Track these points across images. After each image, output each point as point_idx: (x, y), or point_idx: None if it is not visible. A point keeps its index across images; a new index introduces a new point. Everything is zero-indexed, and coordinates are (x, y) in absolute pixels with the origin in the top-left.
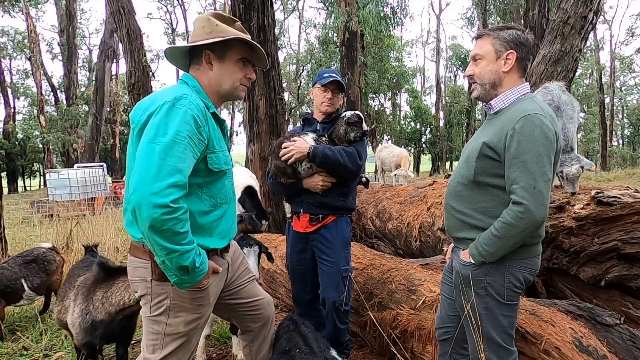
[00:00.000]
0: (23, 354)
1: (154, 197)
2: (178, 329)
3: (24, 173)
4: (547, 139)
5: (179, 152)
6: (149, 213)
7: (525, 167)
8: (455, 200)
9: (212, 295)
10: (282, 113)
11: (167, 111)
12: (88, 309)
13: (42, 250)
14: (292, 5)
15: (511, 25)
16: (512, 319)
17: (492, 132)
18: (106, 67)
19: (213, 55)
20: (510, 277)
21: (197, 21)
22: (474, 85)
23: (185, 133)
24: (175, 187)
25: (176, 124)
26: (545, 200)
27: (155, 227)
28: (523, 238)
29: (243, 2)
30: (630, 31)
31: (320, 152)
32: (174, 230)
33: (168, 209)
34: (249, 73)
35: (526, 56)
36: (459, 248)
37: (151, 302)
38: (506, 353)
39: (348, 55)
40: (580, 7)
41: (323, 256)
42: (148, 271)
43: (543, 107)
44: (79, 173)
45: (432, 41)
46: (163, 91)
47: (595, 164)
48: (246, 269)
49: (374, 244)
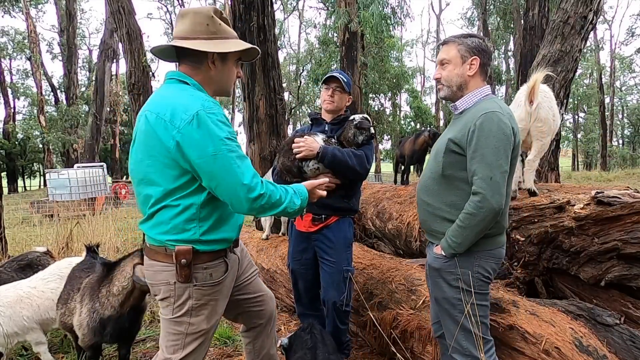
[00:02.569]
0: (23, 354)
1: (250, 193)
2: (201, 327)
3: (24, 173)
4: (504, 134)
5: (237, 151)
6: (253, 205)
7: (483, 160)
8: (426, 195)
9: (228, 287)
10: (282, 113)
11: (204, 120)
12: (95, 307)
13: (36, 254)
14: (292, 5)
15: (473, 33)
16: (486, 308)
17: (457, 129)
18: (106, 67)
19: (217, 56)
20: (478, 267)
21: (196, 16)
22: (440, 87)
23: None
24: (255, 177)
25: (218, 129)
26: (501, 189)
27: (264, 209)
28: (485, 226)
29: (243, 2)
30: (630, 31)
31: (330, 152)
32: (273, 200)
33: (263, 195)
34: (239, 72)
35: (487, 62)
36: (432, 243)
37: (174, 305)
38: (483, 342)
39: (348, 55)
40: (580, 7)
41: (325, 256)
42: (172, 274)
43: (502, 106)
44: (79, 173)
45: (432, 41)
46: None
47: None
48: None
49: (374, 244)
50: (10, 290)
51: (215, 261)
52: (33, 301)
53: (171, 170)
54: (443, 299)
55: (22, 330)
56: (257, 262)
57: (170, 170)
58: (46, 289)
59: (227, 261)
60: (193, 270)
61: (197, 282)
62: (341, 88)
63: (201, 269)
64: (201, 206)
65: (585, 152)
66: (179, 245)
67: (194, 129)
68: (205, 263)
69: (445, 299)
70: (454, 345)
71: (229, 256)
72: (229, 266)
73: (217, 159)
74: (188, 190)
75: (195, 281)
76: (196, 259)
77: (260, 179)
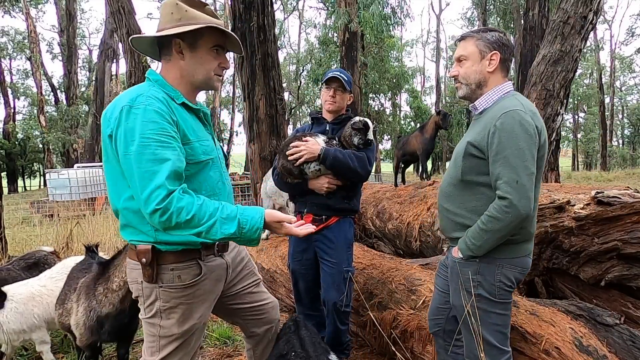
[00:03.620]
0: (23, 354)
1: (145, 206)
2: (172, 331)
3: (24, 173)
4: (527, 134)
5: (151, 153)
6: (152, 220)
7: (507, 162)
8: (446, 201)
9: (207, 292)
10: (282, 113)
11: (126, 116)
12: (92, 305)
13: (43, 253)
14: (292, 5)
15: (492, 27)
16: (506, 318)
17: (476, 131)
18: (106, 67)
19: (184, 44)
20: (501, 276)
21: (163, 7)
22: (458, 85)
23: (150, 133)
24: (159, 187)
25: (139, 126)
26: (528, 193)
27: (168, 227)
28: (509, 232)
29: (243, 2)
30: (630, 31)
31: (331, 154)
32: (182, 220)
33: (159, 211)
34: (223, 62)
35: (508, 57)
36: (453, 246)
37: (144, 304)
38: (498, 353)
39: (348, 55)
40: (580, 7)
41: (325, 257)
42: (140, 273)
43: (524, 103)
44: (79, 173)
45: (432, 41)
46: (121, 95)
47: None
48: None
49: (374, 244)
50: (22, 287)
51: (183, 263)
52: (44, 299)
53: (118, 167)
54: (460, 305)
55: (30, 328)
56: (257, 262)
57: (118, 167)
58: (55, 288)
59: (201, 264)
60: (159, 271)
61: (163, 284)
62: (342, 88)
63: (167, 270)
64: None
65: (585, 152)
66: (139, 245)
67: (121, 123)
68: (171, 264)
69: (462, 305)
70: (467, 354)
71: (204, 259)
72: (204, 270)
73: (127, 159)
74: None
75: (162, 282)
76: (161, 259)
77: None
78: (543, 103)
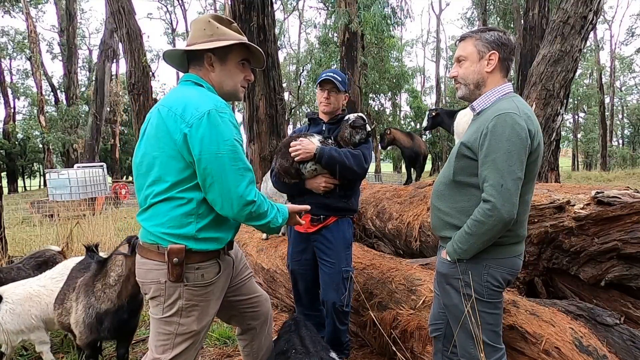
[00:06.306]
0: (23, 354)
1: (240, 199)
2: (191, 328)
3: (24, 173)
4: (519, 138)
5: (241, 153)
6: (243, 211)
7: (495, 166)
8: (438, 200)
9: (220, 289)
10: (282, 113)
11: (215, 120)
12: (90, 302)
13: (52, 252)
14: (292, 5)
15: (493, 27)
16: (497, 317)
17: (471, 132)
18: (106, 67)
19: (215, 57)
20: (488, 276)
21: (196, 23)
22: (457, 86)
23: (236, 135)
24: (252, 183)
25: (228, 129)
26: (512, 198)
27: (252, 218)
28: (493, 236)
29: (243, 2)
30: (630, 31)
31: (326, 153)
32: (262, 211)
33: (254, 203)
34: (248, 75)
35: (508, 56)
36: (443, 247)
37: (164, 304)
38: (492, 350)
39: (348, 55)
40: (580, 7)
41: (324, 257)
42: (163, 273)
43: (520, 106)
44: (79, 173)
45: (432, 41)
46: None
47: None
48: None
49: (374, 244)
50: (19, 287)
51: (207, 262)
52: (42, 300)
53: (176, 163)
54: (451, 305)
55: (28, 329)
56: (257, 262)
57: (175, 163)
58: (55, 288)
59: (220, 262)
60: (185, 270)
61: (187, 282)
62: (336, 89)
63: (193, 269)
64: (201, 202)
65: (585, 152)
66: (172, 244)
67: (203, 125)
68: (197, 263)
69: (453, 305)
70: (461, 353)
71: (222, 257)
72: (222, 268)
73: (219, 158)
74: (190, 184)
75: (186, 281)
76: (188, 259)
77: (255, 187)
78: (543, 103)
